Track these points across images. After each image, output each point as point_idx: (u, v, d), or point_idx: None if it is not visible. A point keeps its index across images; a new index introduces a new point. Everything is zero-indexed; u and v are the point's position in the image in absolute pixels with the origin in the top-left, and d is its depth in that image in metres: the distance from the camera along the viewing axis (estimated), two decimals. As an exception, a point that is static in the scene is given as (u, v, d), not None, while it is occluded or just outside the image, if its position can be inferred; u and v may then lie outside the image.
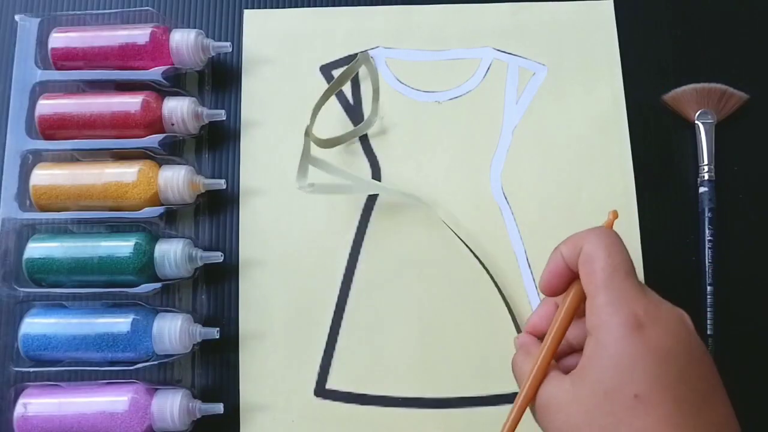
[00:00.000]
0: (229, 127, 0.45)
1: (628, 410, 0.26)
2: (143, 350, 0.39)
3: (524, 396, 0.29)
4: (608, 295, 0.28)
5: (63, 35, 0.43)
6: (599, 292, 0.28)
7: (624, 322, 0.27)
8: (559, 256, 0.31)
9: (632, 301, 0.28)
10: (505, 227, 0.43)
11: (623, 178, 0.43)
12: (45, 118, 0.42)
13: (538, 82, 0.45)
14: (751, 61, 0.46)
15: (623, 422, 0.26)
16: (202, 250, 0.41)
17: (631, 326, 0.27)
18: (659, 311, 0.28)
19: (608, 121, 0.44)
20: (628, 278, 0.28)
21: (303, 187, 0.40)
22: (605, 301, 0.28)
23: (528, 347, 0.32)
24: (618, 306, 0.27)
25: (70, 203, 0.41)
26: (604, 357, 0.27)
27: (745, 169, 0.44)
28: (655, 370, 0.26)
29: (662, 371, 0.26)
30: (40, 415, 0.38)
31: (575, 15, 0.46)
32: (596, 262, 0.29)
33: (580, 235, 0.30)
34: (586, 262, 0.29)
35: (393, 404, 0.40)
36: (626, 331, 0.27)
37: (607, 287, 0.28)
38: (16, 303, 0.40)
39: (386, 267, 0.42)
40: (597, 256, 0.29)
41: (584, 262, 0.29)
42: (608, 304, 0.28)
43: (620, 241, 0.30)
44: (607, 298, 0.28)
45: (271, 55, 0.46)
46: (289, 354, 0.41)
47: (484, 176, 0.44)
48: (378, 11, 0.47)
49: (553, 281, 0.31)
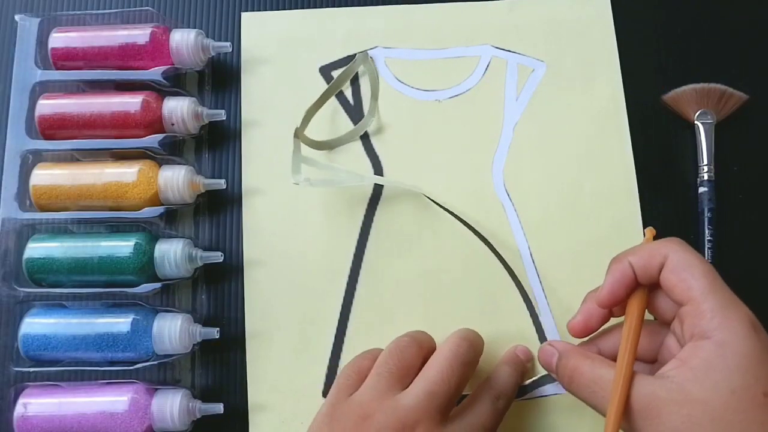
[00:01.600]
0: (229, 127, 0.45)
1: (758, 408, 0.27)
2: (143, 350, 0.39)
3: (619, 400, 0.29)
4: (720, 299, 0.29)
5: (63, 35, 0.43)
6: (707, 297, 0.29)
7: (745, 323, 0.28)
8: (627, 267, 0.32)
9: (741, 304, 0.30)
10: (509, 224, 0.43)
11: (625, 173, 0.43)
12: (45, 118, 0.42)
13: (537, 78, 0.45)
14: (751, 61, 0.46)
15: (755, 420, 0.27)
16: (202, 250, 0.41)
17: (750, 327, 0.28)
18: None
19: (609, 116, 0.44)
20: (724, 284, 0.30)
21: (298, 181, 0.40)
22: (719, 304, 0.29)
23: (584, 353, 0.32)
24: (734, 308, 0.29)
25: (70, 203, 0.41)
26: (729, 357, 0.28)
27: (745, 169, 0.44)
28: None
29: None
30: (40, 415, 0.38)
31: (572, 11, 0.46)
32: (694, 268, 0.30)
33: (655, 246, 0.32)
34: (681, 269, 0.30)
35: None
36: (748, 331, 0.28)
37: (716, 292, 0.29)
38: (16, 303, 0.40)
39: (391, 265, 0.42)
40: (693, 263, 0.30)
41: (678, 270, 0.30)
42: (724, 307, 0.29)
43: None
44: (719, 301, 0.29)
45: (270, 56, 0.46)
46: (296, 354, 0.41)
47: (487, 173, 0.44)
48: (376, 11, 0.47)
49: (620, 291, 0.33)
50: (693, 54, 0.46)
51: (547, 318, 0.41)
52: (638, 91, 0.45)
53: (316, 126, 0.44)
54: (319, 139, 0.44)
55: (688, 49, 0.46)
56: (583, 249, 0.42)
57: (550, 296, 0.41)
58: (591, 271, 0.42)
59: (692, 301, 0.30)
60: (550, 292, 0.42)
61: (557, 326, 0.41)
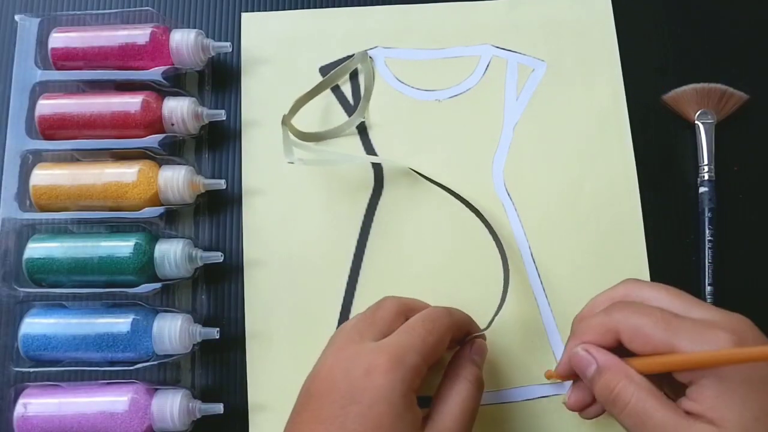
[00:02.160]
0: (229, 127, 0.45)
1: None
2: (143, 350, 0.39)
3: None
4: (694, 341, 0.30)
5: (63, 35, 0.43)
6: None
7: (729, 344, 0.29)
8: (579, 355, 0.33)
9: (716, 324, 0.30)
10: (509, 224, 0.43)
11: (625, 173, 0.43)
12: (45, 118, 0.42)
13: (537, 78, 0.45)
14: (751, 61, 0.46)
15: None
16: (202, 250, 0.41)
17: (734, 344, 0.29)
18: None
19: (609, 116, 0.44)
20: (690, 305, 0.32)
21: (293, 161, 0.41)
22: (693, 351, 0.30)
23: (628, 372, 0.31)
24: (712, 336, 0.29)
25: (70, 203, 0.41)
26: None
27: (745, 169, 0.44)
28: None
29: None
30: (40, 415, 0.37)
31: (572, 11, 0.46)
32: (649, 335, 0.31)
33: (602, 322, 0.33)
34: (640, 346, 0.31)
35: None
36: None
37: (687, 341, 0.30)
38: (16, 303, 0.40)
39: (392, 265, 0.42)
40: (644, 329, 0.31)
41: (638, 346, 0.31)
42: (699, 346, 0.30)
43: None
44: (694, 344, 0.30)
45: (270, 56, 0.46)
46: (297, 354, 0.41)
47: (487, 173, 0.44)
48: (376, 11, 0.47)
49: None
50: (693, 54, 0.46)
51: (548, 317, 0.41)
52: (638, 91, 0.45)
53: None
54: (310, 131, 0.44)
55: (688, 49, 0.46)
56: (584, 248, 0.42)
57: (550, 296, 0.41)
58: (591, 271, 0.42)
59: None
60: (550, 292, 0.42)
61: (557, 326, 0.41)
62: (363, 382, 0.30)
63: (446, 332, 0.33)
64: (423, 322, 0.33)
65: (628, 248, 0.42)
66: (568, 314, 0.38)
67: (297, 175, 0.44)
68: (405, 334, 0.32)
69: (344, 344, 0.33)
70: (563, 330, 0.41)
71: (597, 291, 0.36)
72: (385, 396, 0.29)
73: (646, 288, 0.33)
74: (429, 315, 0.34)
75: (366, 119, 0.45)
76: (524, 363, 0.40)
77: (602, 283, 0.36)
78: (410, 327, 0.33)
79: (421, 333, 0.32)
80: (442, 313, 0.35)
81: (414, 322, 0.33)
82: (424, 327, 0.33)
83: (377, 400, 0.29)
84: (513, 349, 0.41)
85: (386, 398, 0.29)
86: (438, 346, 0.33)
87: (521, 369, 0.40)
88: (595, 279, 0.42)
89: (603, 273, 0.42)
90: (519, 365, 0.40)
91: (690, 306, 0.31)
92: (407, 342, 0.32)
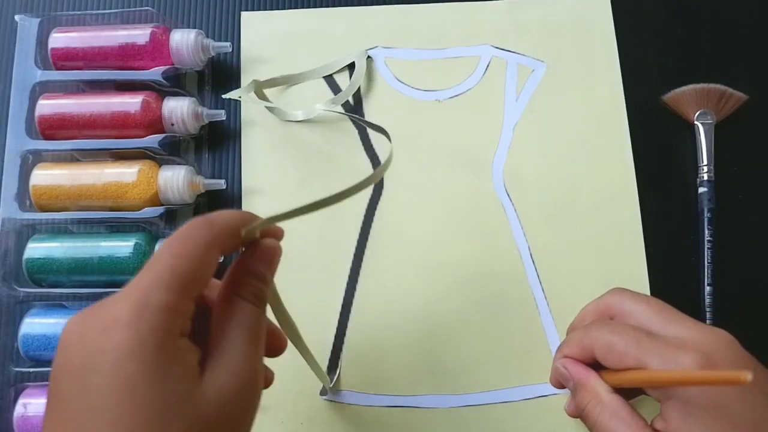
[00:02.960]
0: (229, 127, 0.45)
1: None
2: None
3: None
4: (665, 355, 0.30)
5: (63, 35, 0.43)
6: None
7: (697, 363, 0.29)
8: (561, 370, 0.34)
9: (687, 344, 0.30)
10: (509, 224, 0.43)
11: (625, 173, 0.43)
12: (45, 118, 0.42)
13: (537, 78, 0.45)
14: (751, 61, 0.46)
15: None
16: (202, 250, 0.41)
17: (703, 363, 0.29)
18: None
19: (608, 116, 0.44)
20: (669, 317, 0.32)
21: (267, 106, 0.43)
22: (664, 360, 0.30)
23: (601, 398, 0.32)
24: (681, 353, 0.29)
25: (70, 203, 0.41)
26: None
27: (745, 170, 0.44)
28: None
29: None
30: (40, 415, 0.38)
31: (572, 11, 0.46)
32: (619, 352, 0.31)
33: (580, 339, 0.33)
34: (614, 362, 0.31)
35: (402, 404, 0.40)
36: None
37: (659, 356, 0.30)
38: (16, 303, 0.40)
39: (392, 265, 0.42)
40: (616, 347, 0.31)
41: (613, 363, 0.31)
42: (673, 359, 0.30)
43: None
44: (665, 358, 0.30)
45: (270, 55, 0.46)
46: (296, 354, 0.41)
47: (486, 173, 0.44)
48: (376, 11, 0.47)
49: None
50: (693, 54, 0.46)
51: (547, 318, 0.41)
52: (638, 91, 0.45)
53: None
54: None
55: (688, 49, 0.46)
56: (583, 248, 0.42)
57: (549, 296, 0.42)
58: (590, 271, 0.42)
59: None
60: (550, 292, 0.42)
61: (556, 325, 0.41)
62: (99, 343, 0.24)
63: (205, 250, 0.26)
64: (170, 246, 0.26)
65: (627, 248, 0.42)
66: (567, 314, 0.38)
67: (297, 175, 0.44)
68: (146, 270, 0.25)
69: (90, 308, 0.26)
70: (562, 330, 0.41)
71: (596, 291, 0.36)
72: (131, 353, 0.23)
73: (628, 301, 0.33)
74: (178, 235, 0.27)
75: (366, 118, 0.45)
76: (524, 363, 0.40)
77: (601, 283, 0.36)
78: (154, 258, 0.26)
79: (168, 262, 0.25)
80: (198, 225, 0.27)
81: (159, 251, 0.26)
82: (171, 252, 0.26)
83: (122, 362, 0.23)
84: (512, 348, 0.41)
85: (134, 356, 0.23)
86: (197, 271, 0.26)
87: (521, 369, 0.40)
88: (594, 279, 0.42)
89: (602, 273, 0.42)
90: (518, 365, 0.40)
91: (669, 321, 0.31)
92: (150, 279, 0.25)
